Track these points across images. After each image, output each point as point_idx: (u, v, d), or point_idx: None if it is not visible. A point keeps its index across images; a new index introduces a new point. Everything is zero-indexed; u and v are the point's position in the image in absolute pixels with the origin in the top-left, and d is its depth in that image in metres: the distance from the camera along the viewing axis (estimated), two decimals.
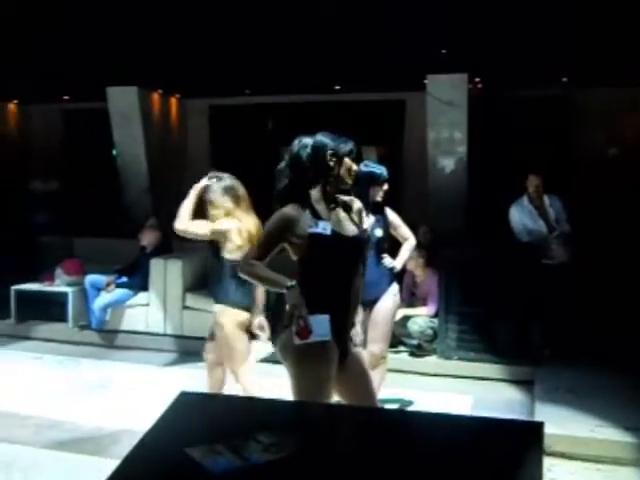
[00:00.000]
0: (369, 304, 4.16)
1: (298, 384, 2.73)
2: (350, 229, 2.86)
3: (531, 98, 8.87)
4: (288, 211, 2.76)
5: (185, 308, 6.64)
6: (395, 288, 4.35)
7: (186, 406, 2.07)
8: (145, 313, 6.74)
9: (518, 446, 1.82)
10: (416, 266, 5.95)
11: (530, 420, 3.82)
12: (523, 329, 5.54)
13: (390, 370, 4.74)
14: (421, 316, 5.87)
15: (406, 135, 9.52)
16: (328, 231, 2.74)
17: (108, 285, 6.73)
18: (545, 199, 6.03)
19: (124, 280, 6.81)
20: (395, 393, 4.93)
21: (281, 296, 2.84)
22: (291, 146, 2.87)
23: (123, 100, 9.28)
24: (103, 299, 6.70)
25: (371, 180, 4.20)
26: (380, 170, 4.30)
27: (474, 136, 8.23)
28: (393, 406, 4.72)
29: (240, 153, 10.45)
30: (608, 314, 6.13)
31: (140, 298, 6.77)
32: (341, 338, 2.81)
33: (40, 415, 4.65)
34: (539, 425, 1.96)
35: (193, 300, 6.62)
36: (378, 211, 4.28)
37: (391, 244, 4.44)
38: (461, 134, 8.23)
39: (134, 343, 6.65)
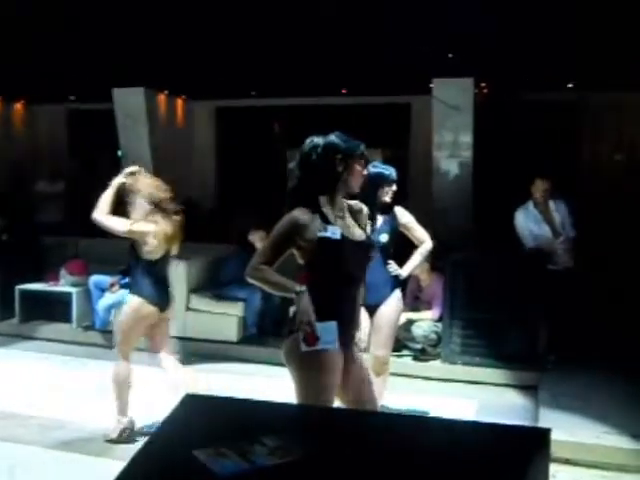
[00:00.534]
0: (373, 308, 4.14)
1: (302, 390, 2.72)
2: (357, 234, 2.85)
3: (537, 102, 8.87)
4: (298, 215, 2.73)
5: (189, 309, 6.63)
6: (399, 293, 4.29)
7: (192, 408, 2.07)
8: None
9: (524, 452, 1.81)
10: (421, 270, 5.93)
11: (536, 426, 3.80)
12: (528, 334, 5.52)
13: (394, 374, 4.71)
14: (425, 320, 5.86)
15: (412, 138, 9.54)
16: (337, 235, 2.73)
17: (112, 286, 6.72)
18: (550, 204, 6.01)
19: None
20: (409, 403, 4.83)
21: (285, 301, 2.83)
22: (302, 146, 2.85)
23: (129, 101, 9.30)
24: (107, 300, 6.70)
25: (379, 181, 4.14)
26: (389, 171, 4.23)
27: (479, 140, 8.23)
28: None
29: (246, 155, 10.47)
30: (614, 320, 6.12)
31: None
32: (347, 343, 2.80)
33: (44, 415, 4.65)
34: (546, 431, 1.94)
35: (197, 301, 6.62)
36: (386, 212, 4.21)
37: (405, 247, 4.34)
38: (467, 138, 8.23)
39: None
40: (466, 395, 5.30)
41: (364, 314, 3.97)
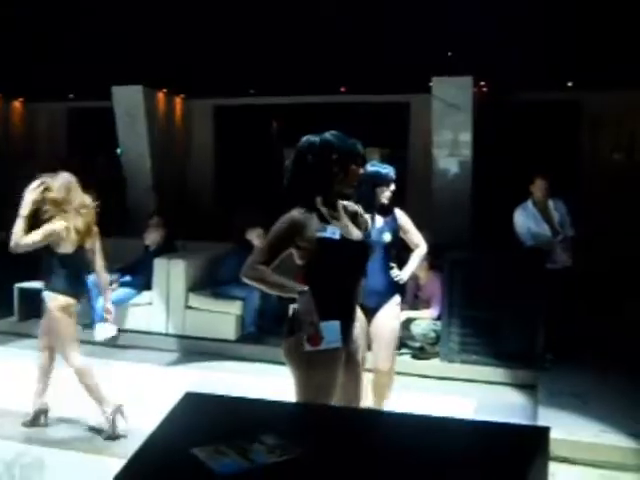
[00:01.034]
0: (372, 311, 3.99)
1: (303, 388, 2.71)
2: (355, 233, 2.84)
3: (536, 101, 8.87)
4: (296, 215, 2.71)
5: (188, 308, 6.63)
6: (398, 299, 4.15)
7: (191, 407, 2.06)
8: (148, 312, 6.73)
9: (524, 451, 1.81)
10: (419, 269, 5.93)
11: (535, 425, 3.81)
12: (527, 333, 5.53)
13: None
14: (424, 319, 5.87)
15: (411, 137, 9.53)
16: (337, 235, 2.71)
17: (110, 284, 6.71)
18: (550, 203, 6.01)
19: (127, 279, 6.81)
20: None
21: (283, 300, 2.80)
22: (298, 144, 2.82)
23: (128, 99, 9.30)
24: None
25: (376, 180, 4.00)
26: (386, 170, 4.08)
27: (479, 139, 8.23)
28: None
29: (244, 153, 10.46)
30: (613, 318, 6.13)
31: (143, 297, 6.77)
32: (346, 342, 2.80)
33: None
34: (545, 430, 1.94)
35: (196, 300, 6.62)
36: (386, 213, 4.08)
37: (399, 248, 4.26)
38: (466, 136, 8.23)
39: (136, 342, 6.64)
40: (465, 393, 5.31)
41: (360, 316, 3.93)
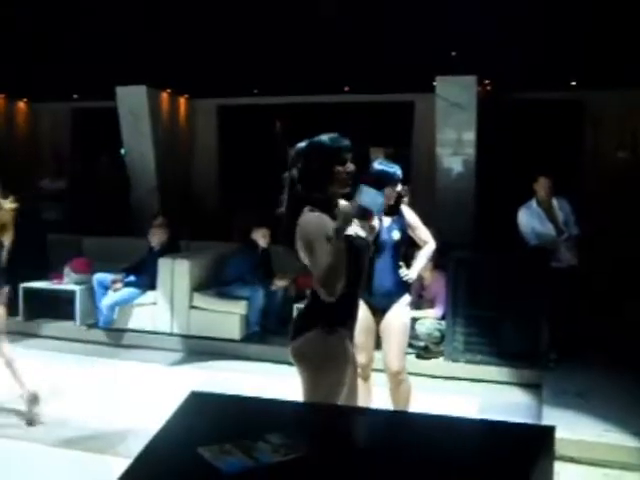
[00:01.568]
0: (381, 312, 3.98)
1: (313, 390, 2.69)
2: (361, 232, 2.84)
3: (540, 100, 8.85)
4: (318, 216, 2.66)
5: (192, 307, 6.64)
6: (407, 298, 4.09)
7: (196, 406, 2.07)
8: (152, 312, 6.75)
9: (530, 450, 1.81)
10: (424, 269, 5.93)
11: (540, 424, 3.80)
12: (531, 332, 5.52)
13: None
14: (429, 318, 5.87)
15: (414, 136, 9.51)
16: (353, 234, 2.69)
17: (114, 282, 6.74)
18: (554, 202, 6.00)
19: (132, 279, 6.83)
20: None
21: (288, 300, 2.75)
22: (291, 152, 2.81)
23: (132, 99, 9.31)
24: (111, 298, 6.71)
25: (383, 180, 3.89)
26: (393, 169, 3.98)
27: (482, 138, 8.22)
28: None
29: (248, 153, 10.47)
30: (617, 318, 6.11)
31: (148, 297, 6.79)
32: (352, 339, 2.82)
33: (47, 413, 4.64)
34: (551, 429, 1.94)
35: (200, 299, 6.63)
36: (394, 212, 4.03)
37: (408, 246, 4.22)
38: (469, 136, 8.22)
39: (141, 342, 6.67)
40: (469, 393, 5.31)
41: (368, 315, 3.94)
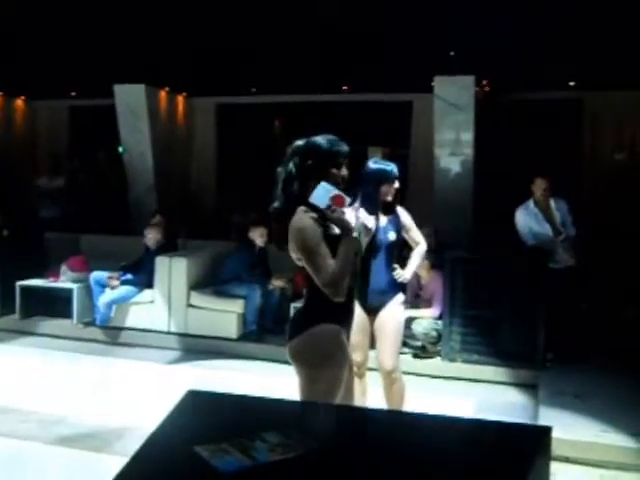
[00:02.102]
0: (375, 311, 4.00)
1: (311, 390, 2.69)
2: (355, 233, 2.84)
3: (538, 101, 8.86)
4: (312, 220, 2.66)
5: (190, 306, 6.64)
6: (401, 297, 4.11)
7: (193, 405, 2.07)
8: (150, 311, 6.74)
9: (526, 450, 1.81)
10: (421, 268, 5.94)
11: (536, 424, 3.81)
12: (528, 332, 5.52)
13: None
14: (425, 318, 5.87)
15: (412, 136, 9.52)
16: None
17: (110, 279, 6.72)
18: (551, 202, 6.01)
19: (129, 277, 6.82)
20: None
21: (285, 299, 2.75)
22: (288, 149, 2.81)
23: (130, 97, 9.30)
24: (108, 295, 6.71)
25: (381, 178, 3.96)
26: (390, 167, 4.01)
27: (480, 138, 8.23)
28: None
29: (246, 152, 10.47)
30: (613, 318, 6.12)
31: (145, 295, 6.78)
32: (349, 338, 2.82)
33: (44, 411, 4.65)
34: (547, 429, 1.94)
35: (198, 298, 6.63)
36: (390, 211, 4.05)
37: (401, 247, 4.24)
38: (467, 136, 8.22)
39: (138, 340, 6.66)
40: (466, 393, 5.31)
41: (363, 314, 3.95)
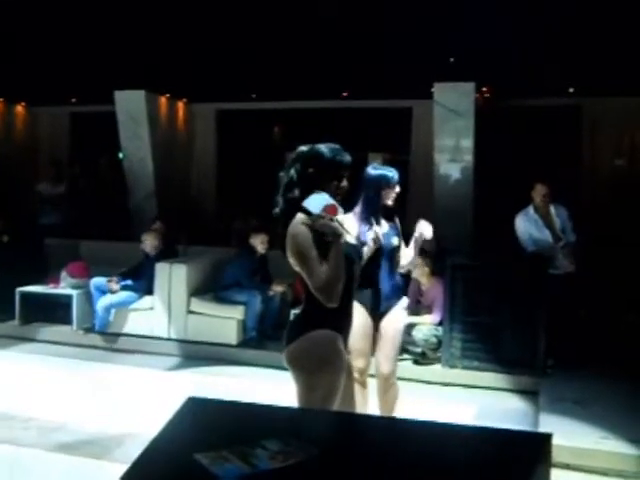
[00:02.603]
0: (380, 316, 4.00)
1: (309, 396, 2.69)
2: (349, 238, 2.85)
3: (538, 107, 8.88)
4: (303, 225, 2.66)
5: (190, 312, 6.64)
6: (405, 302, 4.15)
7: (193, 411, 2.06)
8: (150, 317, 6.74)
9: (526, 457, 1.80)
10: (421, 274, 5.96)
11: (537, 431, 3.80)
12: (528, 339, 5.52)
13: None
14: (426, 324, 5.87)
15: (412, 142, 9.53)
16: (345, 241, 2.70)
17: (110, 282, 6.70)
18: (551, 209, 6.01)
19: (128, 283, 6.82)
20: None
21: (285, 305, 2.76)
22: (290, 155, 2.82)
23: (130, 103, 9.31)
24: (107, 300, 6.70)
25: (382, 183, 3.97)
26: (391, 172, 4.03)
27: (480, 144, 8.24)
28: None
29: (246, 158, 10.48)
30: (614, 325, 6.12)
31: (145, 302, 6.77)
32: (347, 344, 2.82)
33: (43, 417, 4.64)
34: (547, 436, 1.93)
35: (198, 304, 6.62)
36: (390, 218, 4.06)
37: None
38: (467, 142, 8.23)
39: (138, 347, 6.64)
40: (466, 399, 5.30)
41: (368, 320, 3.96)
